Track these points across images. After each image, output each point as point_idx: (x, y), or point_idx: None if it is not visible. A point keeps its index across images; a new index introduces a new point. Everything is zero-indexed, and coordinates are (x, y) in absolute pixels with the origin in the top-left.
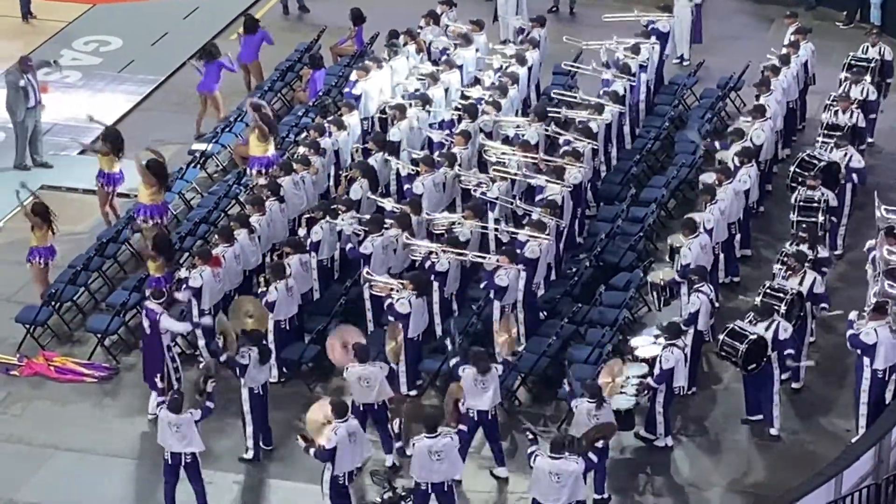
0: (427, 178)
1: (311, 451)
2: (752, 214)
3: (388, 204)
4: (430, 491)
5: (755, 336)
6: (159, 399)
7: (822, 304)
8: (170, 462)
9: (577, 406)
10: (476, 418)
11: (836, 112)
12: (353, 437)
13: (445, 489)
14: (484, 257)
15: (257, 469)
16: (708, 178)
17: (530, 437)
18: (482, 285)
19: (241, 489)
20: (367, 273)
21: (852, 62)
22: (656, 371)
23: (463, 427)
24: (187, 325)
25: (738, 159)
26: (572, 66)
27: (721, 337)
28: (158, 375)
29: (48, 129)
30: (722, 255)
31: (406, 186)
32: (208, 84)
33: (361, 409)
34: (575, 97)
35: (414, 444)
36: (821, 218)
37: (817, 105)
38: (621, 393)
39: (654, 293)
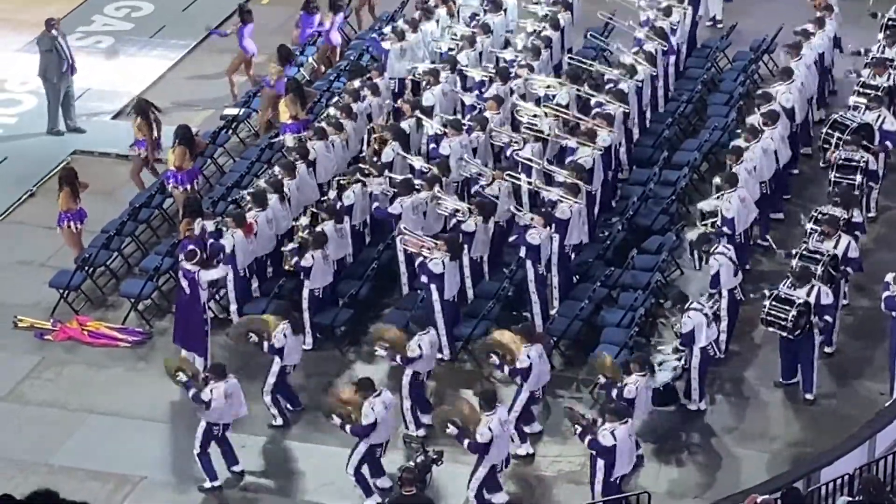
0: (454, 140)
1: (347, 427)
2: (782, 177)
3: (418, 162)
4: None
5: (803, 301)
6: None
7: (849, 267)
8: (216, 433)
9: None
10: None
11: (872, 75)
12: (389, 409)
13: None
14: (519, 210)
15: (288, 433)
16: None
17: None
18: (512, 239)
19: (273, 453)
20: (404, 227)
21: (889, 23)
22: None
23: None
24: (224, 267)
25: (762, 121)
26: (608, 18)
27: (767, 303)
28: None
29: (81, 95)
30: (752, 218)
31: (432, 146)
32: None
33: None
34: (611, 51)
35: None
36: (859, 178)
37: (849, 67)
38: (660, 369)
39: (696, 252)
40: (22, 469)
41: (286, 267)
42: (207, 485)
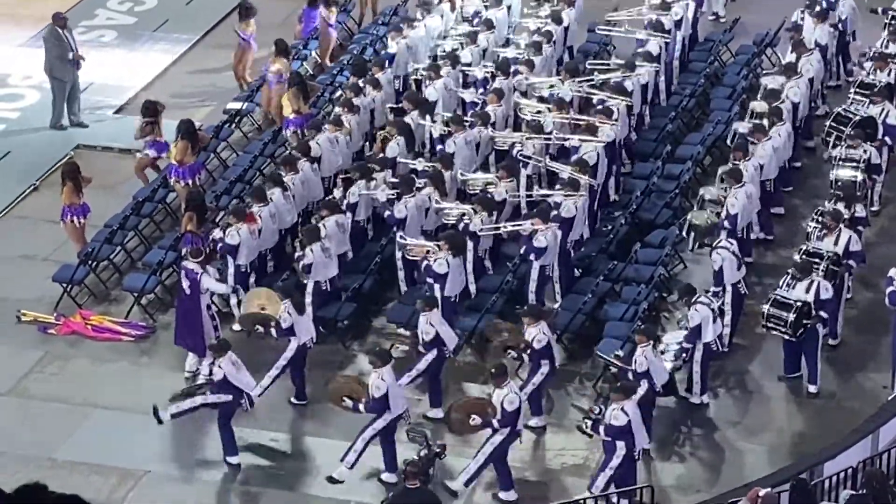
0: (459, 137)
1: (361, 407)
2: (785, 171)
3: (419, 164)
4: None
5: (801, 303)
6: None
7: (851, 260)
8: (245, 406)
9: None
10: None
11: (874, 70)
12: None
13: None
14: (519, 225)
15: (293, 426)
16: (742, 127)
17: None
18: (522, 251)
19: (277, 447)
20: (402, 238)
21: (891, 20)
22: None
23: None
24: (228, 286)
25: (768, 119)
26: (608, 30)
27: (766, 308)
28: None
29: (84, 89)
30: (755, 213)
31: (439, 147)
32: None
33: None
34: (608, 63)
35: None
36: (860, 176)
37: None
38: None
39: (692, 233)
40: (25, 463)
41: (304, 281)
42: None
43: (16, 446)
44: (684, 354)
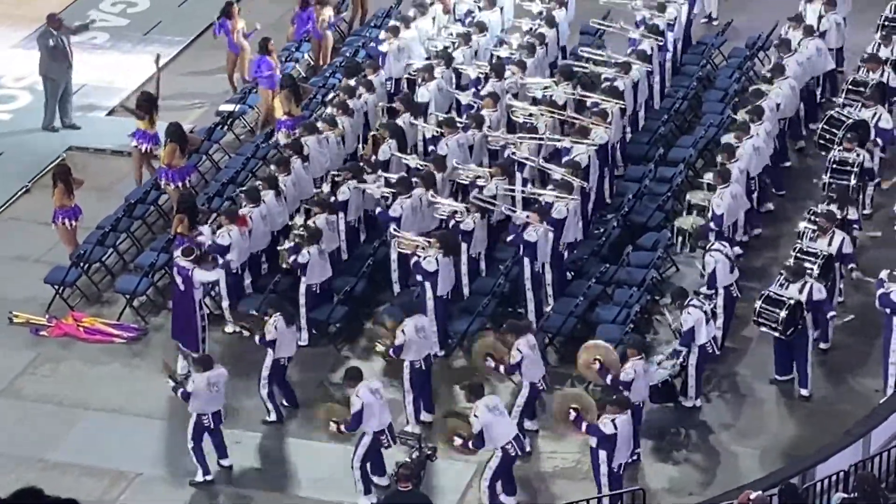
0: (451, 139)
1: (343, 427)
2: (775, 172)
3: (413, 161)
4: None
5: (793, 301)
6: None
7: (851, 265)
8: (206, 424)
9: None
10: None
11: (866, 72)
12: (378, 395)
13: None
14: (514, 211)
15: (283, 429)
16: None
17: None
18: (509, 239)
19: (268, 449)
20: (395, 229)
21: (885, 22)
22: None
23: None
24: (219, 271)
25: (748, 117)
26: (600, 23)
27: (757, 304)
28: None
29: (76, 91)
30: (742, 213)
31: (431, 148)
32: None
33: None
34: (602, 55)
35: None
36: (853, 180)
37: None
38: (659, 367)
39: (681, 238)
40: (17, 465)
41: (283, 265)
42: (199, 478)
43: (7, 448)
44: (679, 357)
